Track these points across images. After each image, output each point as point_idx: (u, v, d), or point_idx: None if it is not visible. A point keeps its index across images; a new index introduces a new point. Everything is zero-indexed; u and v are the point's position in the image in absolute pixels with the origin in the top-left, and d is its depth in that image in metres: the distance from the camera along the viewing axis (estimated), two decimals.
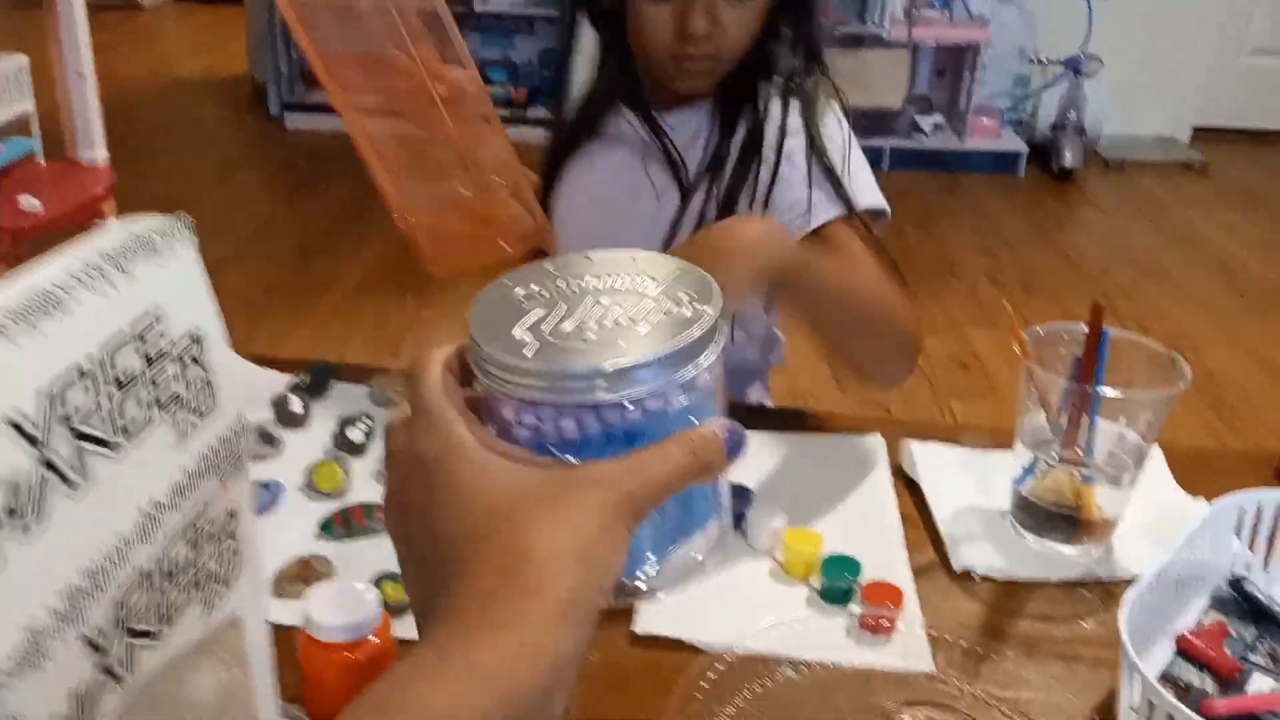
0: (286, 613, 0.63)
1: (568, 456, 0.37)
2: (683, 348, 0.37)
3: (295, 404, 0.92)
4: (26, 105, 1.82)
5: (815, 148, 0.97)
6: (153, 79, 4.67)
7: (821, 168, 0.96)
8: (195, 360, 0.42)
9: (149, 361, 0.39)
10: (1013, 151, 3.79)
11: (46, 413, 0.34)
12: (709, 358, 0.38)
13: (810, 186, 0.96)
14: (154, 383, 0.39)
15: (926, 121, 3.79)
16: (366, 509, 0.79)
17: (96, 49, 1.77)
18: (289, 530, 0.79)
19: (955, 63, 3.88)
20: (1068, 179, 3.70)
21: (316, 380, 0.97)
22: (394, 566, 0.65)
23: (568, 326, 0.38)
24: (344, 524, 0.78)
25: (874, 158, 3.63)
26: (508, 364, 0.37)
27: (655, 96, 1.02)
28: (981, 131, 3.79)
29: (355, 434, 0.88)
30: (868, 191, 0.98)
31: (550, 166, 1.07)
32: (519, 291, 0.40)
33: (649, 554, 0.39)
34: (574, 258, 0.42)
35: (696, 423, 0.38)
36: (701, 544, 0.41)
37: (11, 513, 0.32)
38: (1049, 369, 0.79)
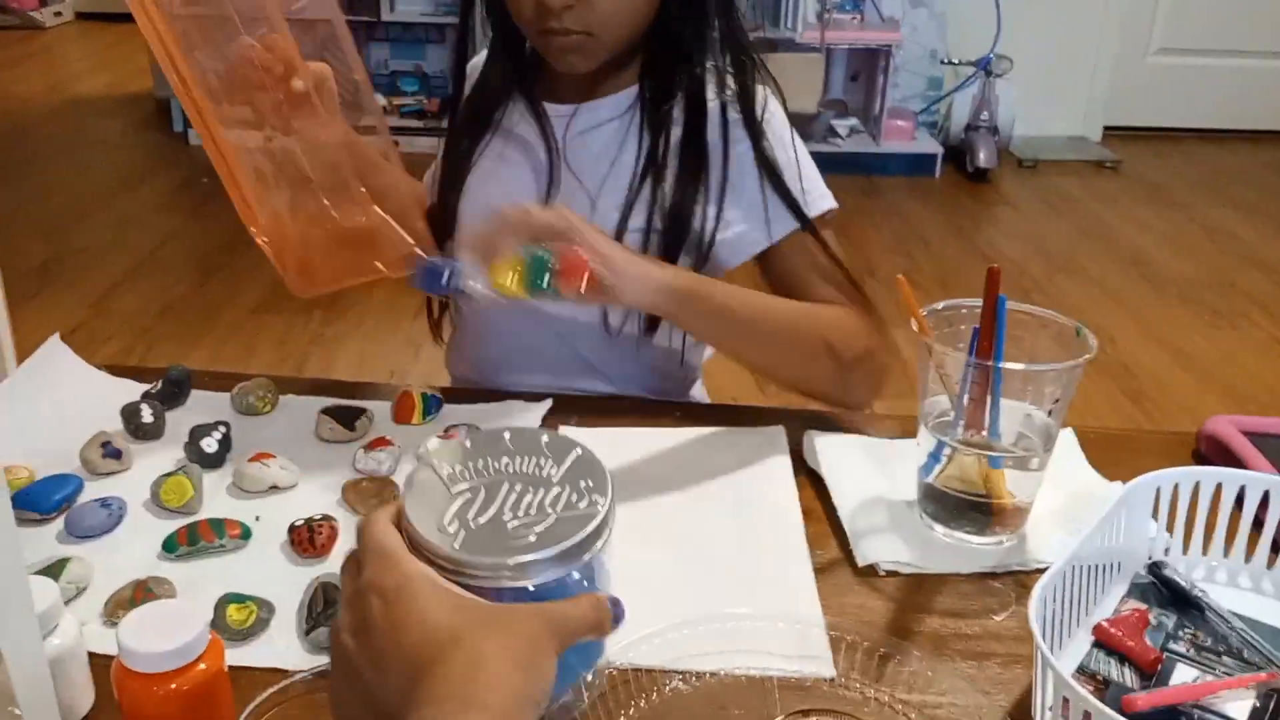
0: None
1: None
2: (579, 541, 0.48)
3: (146, 414, 0.84)
4: None
5: (763, 153, 0.91)
6: (52, 96, 4.51)
7: (771, 174, 0.91)
8: None
9: None
10: (928, 153, 3.81)
11: None
12: (601, 544, 0.50)
13: (764, 194, 0.91)
14: None
15: (842, 125, 3.78)
16: (216, 525, 0.71)
17: None
18: (128, 551, 0.71)
19: (869, 66, 3.89)
20: (982, 179, 3.72)
21: (172, 388, 0.89)
22: (243, 585, 0.58)
23: (485, 517, 0.49)
24: (189, 541, 0.70)
25: None
26: (440, 552, 0.47)
27: (557, 86, 0.95)
28: (896, 134, 3.79)
29: (209, 444, 0.80)
30: (819, 193, 0.95)
31: (450, 166, 0.99)
32: (445, 472, 0.51)
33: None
34: (491, 436, 0.54)
35: (590, 588, 0.50)
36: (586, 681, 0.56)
37: None
38: (949, 346, 0.74)
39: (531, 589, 0.48)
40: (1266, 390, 2.35)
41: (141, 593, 0.65)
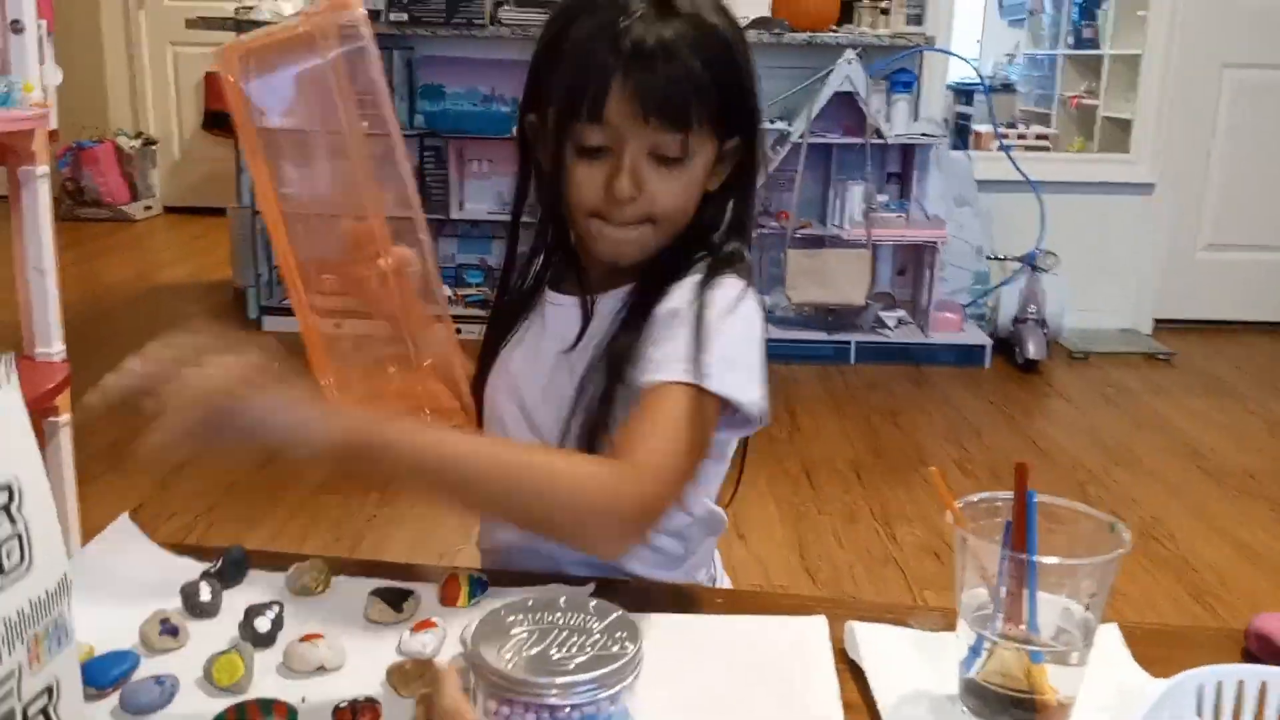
0: None
1: None
2: (611, 671, 0.62)
3: (205, 592, 0.87)
4: None
5: (700, 312, 0.91)
6: (138, 283, 4.77)
7: (692, 329, 0.90)
8: (7, 511, 0.38)
9: None
10: (977, 344, 3.86)
11: None
12: (631, 679, 0.64)
13: (681, 349, 0.89)
14: None
15: (890, 317, 3.86)
16: (264, 705, 0.73)
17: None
18: None
19: (915, 261, 4.00)
20: (1032, 370, 3.75)
21: (231, 568, 0.92)
22: None
23: (536, 650, 0.63)
24: None
25: (840, 352, 3.75)
26: (498, 671, 0.61)
27: (586, 279, 1.01)
28: (944, 325, 3.86)
29: (262, 623, 0.83)
30: (737, 381, 0.89)
31: (485, 351, 1.06)
32: (509, 620, 0.66)
33: None
34: (551, 598, 0.69)
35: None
36: None
37: None
38: (986, 538, 0.76)
39: (569, 710, 0.61)
40: None
41: None
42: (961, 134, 5.84)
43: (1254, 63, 4.28)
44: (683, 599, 0.93)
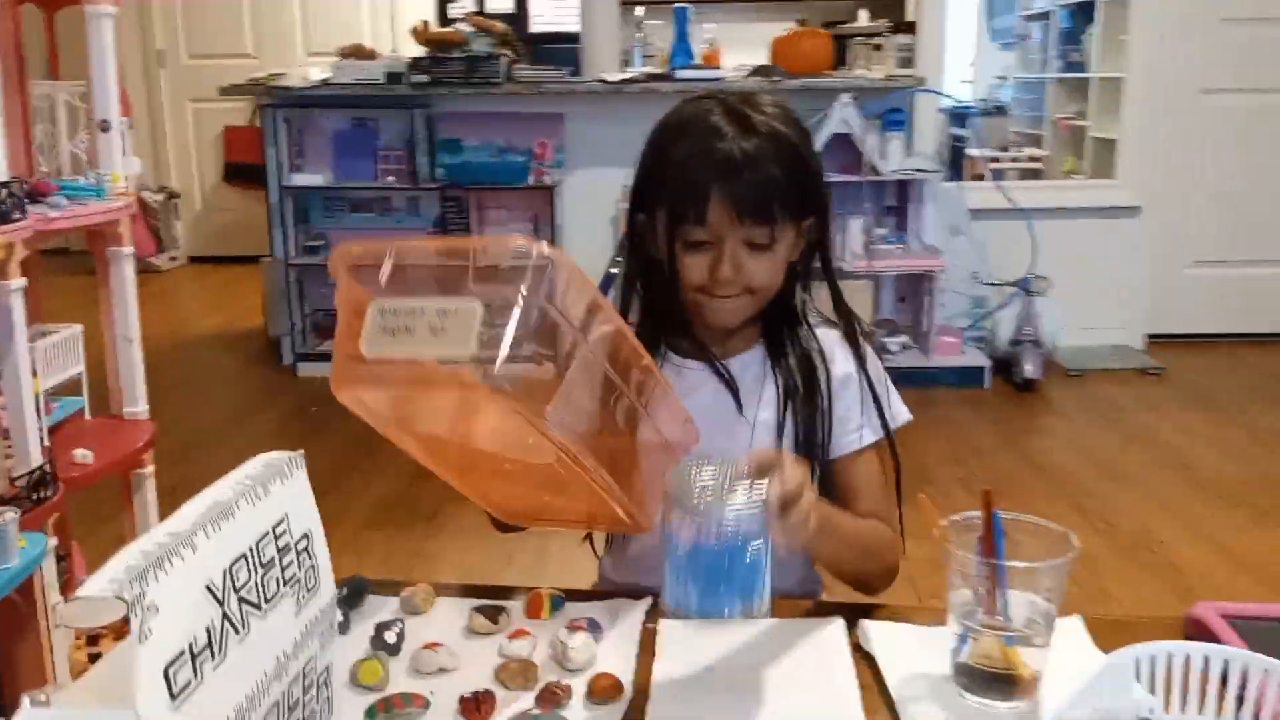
0: None
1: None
2: (757, 503, 0.97)
3: (337, 614, 1.08)
4: (78, 368, 2.03)
5: (867, 377, 1.23)
6: (172, 336, 4.99)
7: (871, 396, 1.22)
8: (306, 551, 0.59)
9: (280, 552, 0.56)
10: (976, 366, 4.06)
11: (225, 583, 0.51)
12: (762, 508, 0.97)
13: (862, 412, 1.22)
14: (283, 567, 0.56)
15: (893, 342, 4.07)
16: (405, 696, 0.93)
17: None
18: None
19: (915, 288, 4.21)
20: (1030, 389, 3.95)
21: (353, 593, 1.13)
22: None
23: (713, 489, 0.99)
24: (385, 710, 0.92)
25: None
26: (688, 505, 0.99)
27: (706, 341, 1.23)
28: (945, 349, 4.06)
29: (390, 636, 1.03)
30: (901, 409, 1.26)
31: None
32: (693, 471, 1.01)
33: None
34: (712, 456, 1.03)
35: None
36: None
37: (207, 647, 0.49)
38: (967, 550, 0.96)
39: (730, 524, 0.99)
40: None
41: None
42: (956, 157, 6.06)
43: (1233, 87, 4.49)
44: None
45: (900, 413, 1.26)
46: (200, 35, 6.75)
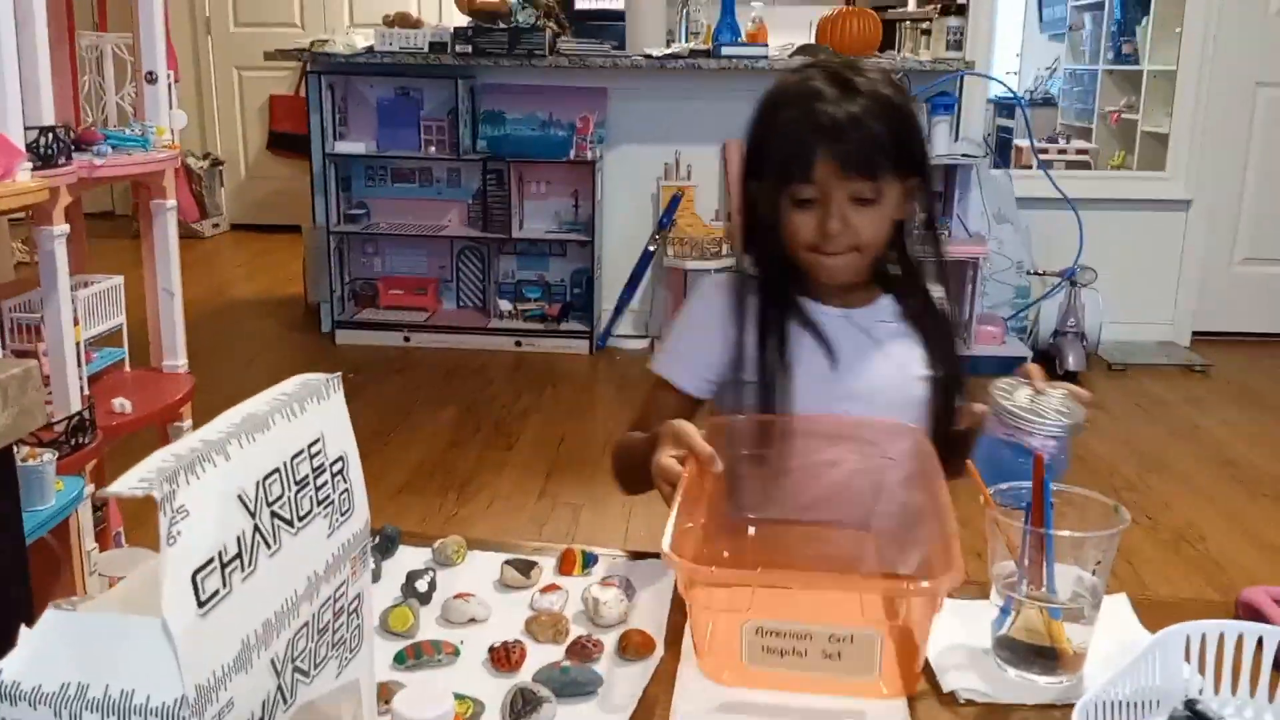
0: None
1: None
2: (1067, 425, 1.06)
3: (371, 542, 1.07)
4: (119, 319, 2.04)
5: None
6: (213, 300, 5.03)
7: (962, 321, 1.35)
8: (341, 474, 0.58)
9: (314, 471, 0.55)
10: (1018, 356, 3.99)
11: (258, 495, 0.50)
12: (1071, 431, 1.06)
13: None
14: (316, 486, 0.55)
15: None
16: (435, 644, 0.92)
17: None
18: None
19: (958, 276, 4.15)
20: (1073, 381, 3.87)
21: (386, 542, 1.12)
22: (460, 688, 0.80)
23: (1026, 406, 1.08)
24: (415, 655, 0.91)
25: None
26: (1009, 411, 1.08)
27: (828, 295, 1.27)
28: (986, 339, 4.01)
29: (421, 585, 1.02)
30: None
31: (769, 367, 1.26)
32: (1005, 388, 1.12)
33: None
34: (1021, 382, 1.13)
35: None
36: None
37: (237, 557, 0.47)
38: (1014, 520, 0.93)
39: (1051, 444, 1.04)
40: None
41: (385, 691, 0.86)
42: (1003, 148, 5.97)
43: None
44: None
45: None
46: (248, 3, 6.78)
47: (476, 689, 0.87)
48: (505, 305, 4.40)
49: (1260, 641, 0.87)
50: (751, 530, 1.14)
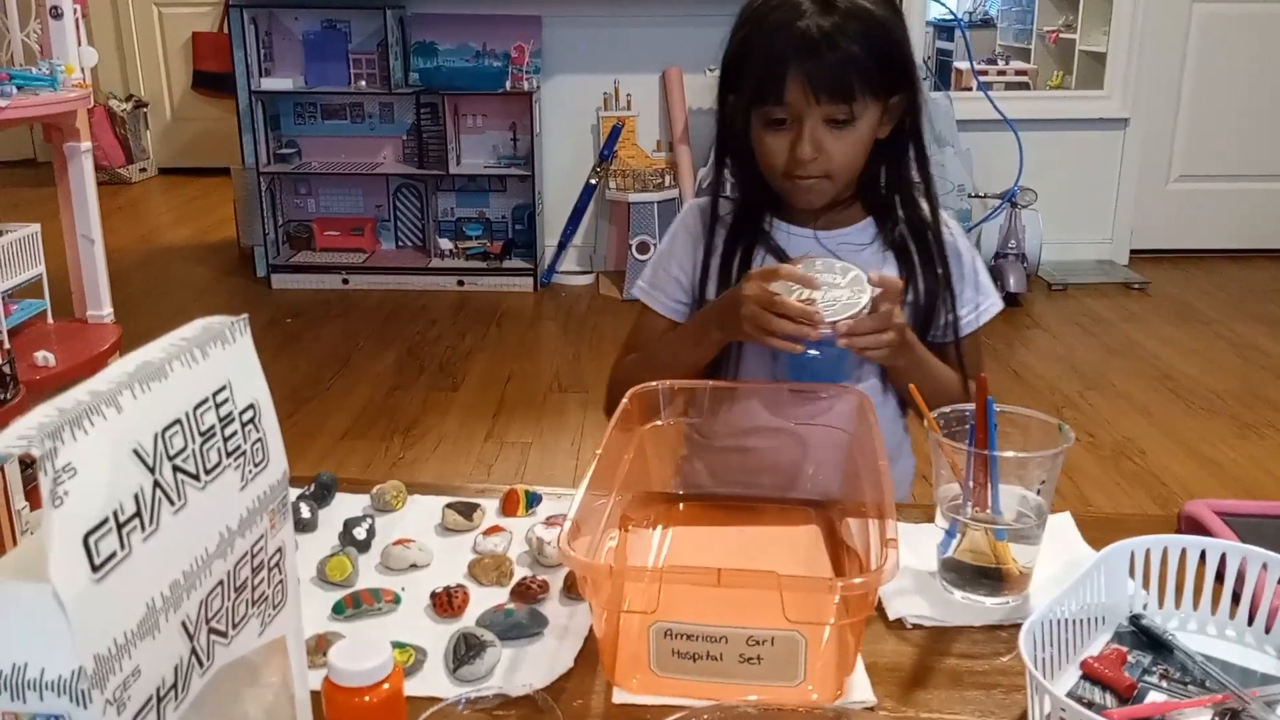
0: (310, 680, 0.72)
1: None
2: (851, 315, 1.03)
3: (304, 511, 1.04)
4: (38, 269, 1.96)
5: (973, 253, 1.30)
6: (142, 246, 4.88)
7: (974, 270, 1.28)
8: (253, 423, 0.54)
9: (221, 421, 0.51)
10: None
11: (156, 448, 0.46)
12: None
13: (976, 287, 1.28)
14: (225, 437, 0.52)
15: None
16: (373, 592, 0.90)
17: None
18: (305, 616, 0.89)
19: None
20: (1014, 303, 3.92)
21: (321, 490, 1.09)
22: (400, 636, 0.76)
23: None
24: (354, 605, 0.88)
25: None
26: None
27: (804, 217, 1.24)
28: None
29: (359, 532, 0.99)
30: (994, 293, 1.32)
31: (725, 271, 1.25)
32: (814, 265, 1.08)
33: None
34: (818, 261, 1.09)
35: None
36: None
37: (136, 516, 0.44)
38: (959, 441, 0.92)
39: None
40: None
41: (323, 643, 0.83)
42: (943, 70, 5.94)
43: None
44: (715, 508, 1.10)
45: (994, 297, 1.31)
46: None
47: (418, 636, 0.84)
48: (446, 244, 4.32)
49: (1203, 555, 0.88)
50: (681, 508, 1.08)
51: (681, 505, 1.09)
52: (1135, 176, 4.47)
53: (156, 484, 0.46)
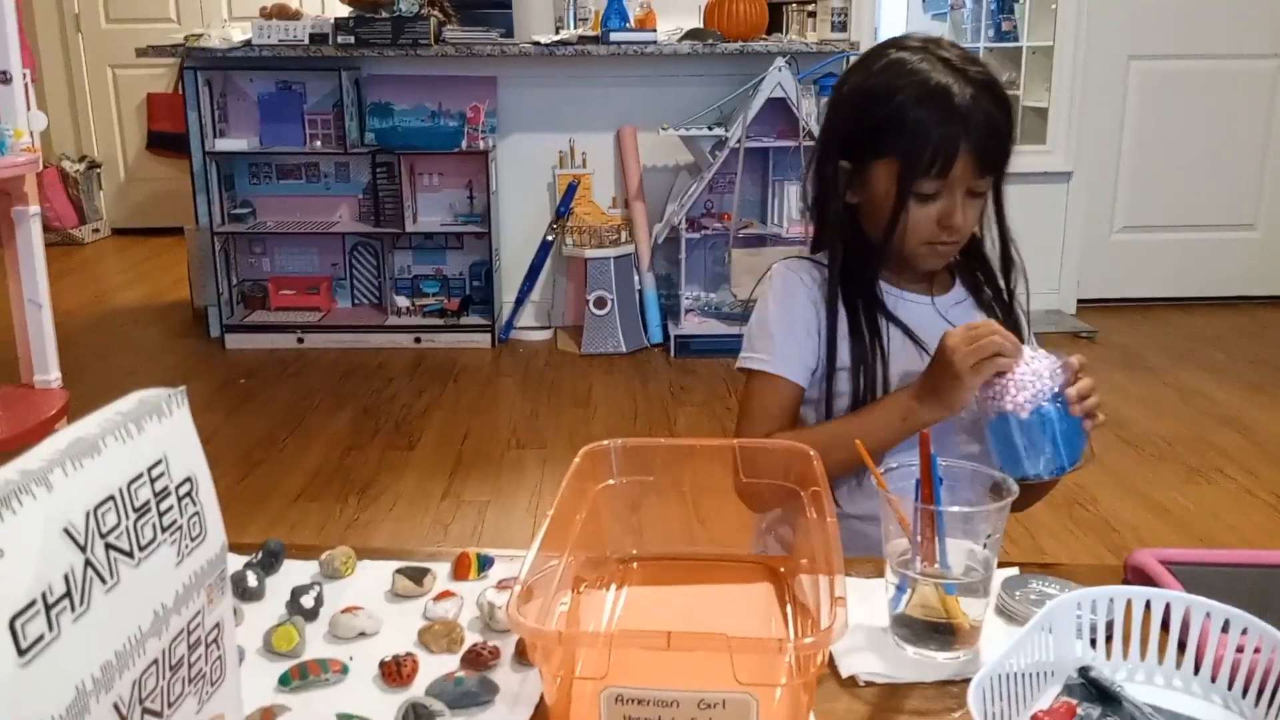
0: None
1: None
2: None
3: (251, 579, 1.02)
4: None
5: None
6: (93, 308, 4.82)
7: (1030, 334, 1.33)
8: (189, 497, 0.54)
9: (157, 496, 0.51)
10: None
11: (88, 526, 0.46)
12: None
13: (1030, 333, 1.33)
14: (160, 512, 0.51)
15: None
16: (321, 662, 0.88)
17: None
18: (251, 687, 0.87)
19: None
20: None
21: (269, 558, 1.07)
22: (348, 708, 0.76)
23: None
24: (301, 675, 0.87)
25: None
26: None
27: (906, 280, 1.29)
28: None
29: (307, 600, 0.98)
30: None
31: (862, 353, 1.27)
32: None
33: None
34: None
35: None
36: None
37: (66, 596, 0.43)
38: (903, 495, 0.93)
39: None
40: (1240, 538, 2.50)
41: (269, 716, 0.82)
42: None
43: (1159, 54, 4.54)
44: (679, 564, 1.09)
45: None
46: None
47: (366, 707, 0.83)
48: (403, 301, 4.31)
49: (1148, 605, 0.89)
50: (635, 567, 1.06)
51: (635, 564, 1.09)
52: (1080, 228, 4.57)
53: (88, 563, 0.45)
